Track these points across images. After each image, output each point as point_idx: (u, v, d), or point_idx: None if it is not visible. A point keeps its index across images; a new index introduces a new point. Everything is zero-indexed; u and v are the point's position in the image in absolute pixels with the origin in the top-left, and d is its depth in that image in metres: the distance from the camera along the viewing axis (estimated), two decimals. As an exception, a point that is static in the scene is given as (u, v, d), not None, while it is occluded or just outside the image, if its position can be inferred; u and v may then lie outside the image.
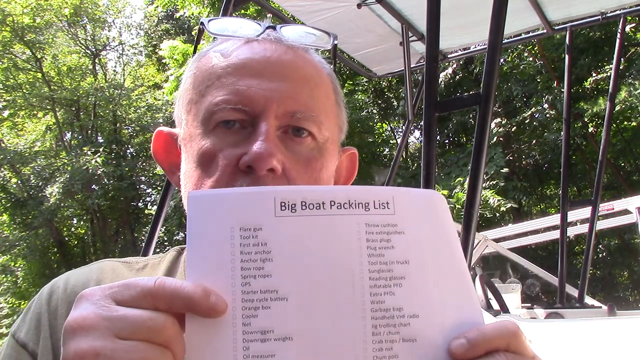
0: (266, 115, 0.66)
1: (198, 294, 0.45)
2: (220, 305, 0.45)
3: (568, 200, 5.05)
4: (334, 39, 0.77)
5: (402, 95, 12.48)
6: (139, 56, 21.28)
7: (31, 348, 0.69)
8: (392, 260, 0.49)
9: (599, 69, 11.65)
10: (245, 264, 0.47)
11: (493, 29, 2.26)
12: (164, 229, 14.71)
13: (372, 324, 0.47)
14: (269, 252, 0.47)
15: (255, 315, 0.46)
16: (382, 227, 0.50)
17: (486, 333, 0.48)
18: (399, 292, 0.48)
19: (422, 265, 0.50)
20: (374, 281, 0.48)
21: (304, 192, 0.50)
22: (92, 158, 15.36)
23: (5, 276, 18.04)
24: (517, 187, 12.09)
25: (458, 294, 0.50)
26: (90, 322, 0.45)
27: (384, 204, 0.50)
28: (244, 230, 0.48)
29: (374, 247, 0.49)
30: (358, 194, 0.50)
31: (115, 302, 0.46)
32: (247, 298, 0.46)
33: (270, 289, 0.47)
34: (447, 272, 0.51)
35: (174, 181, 0.78)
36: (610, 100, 5.20)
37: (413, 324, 0.48)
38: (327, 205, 0.49)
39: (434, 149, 2.38)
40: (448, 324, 0.49)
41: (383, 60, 5.16)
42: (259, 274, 0.47)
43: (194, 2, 11.84)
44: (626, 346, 2.61)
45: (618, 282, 15.07)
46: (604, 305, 5.07)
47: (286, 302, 0.47)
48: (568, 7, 4.32)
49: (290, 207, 0.49)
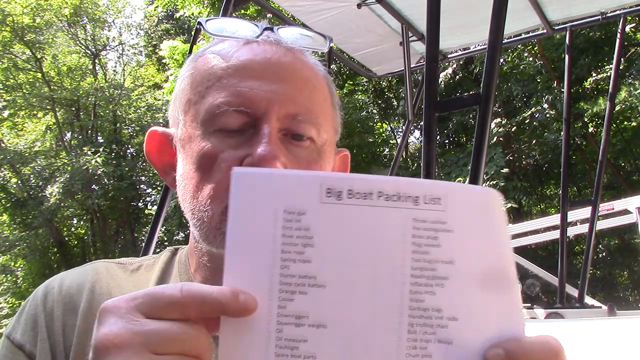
0: (268, 117, 0.66)
1: (227, 296, 0.44)
2: (250, 303, 0.45)
3: (568, 200, 5.05)
4: (330, 41, 0.77)
5: (402, 95, 12.48)
6: (139, 56, 21.30)
7: (28, 349, 0.68)
8: (436, 259, 0.47)
9: (599, 69, 11.65)
10: (286, 247, 0.46)
11: (493, 29, 2.26)
12: (164, 229, 14.72)
13: (408, 321, 0.46)
14: (311, 238, 0.47)
15: (291, 299, 0.46)
16: (430, 224, 0.48)
17: (526, 346, 0.46)
18: (439, 292, 0.47)
19: (467, 268, 0.48)
20: (415, 279, 0.47)
21: (352, 179, 0.48)
22: (92, 158, 15.36)
23: (5, 276, 18.04)
24: (517, 187, 12.09)
25: (501, 302, 0.48)
26: (123, 339, 0.44)
27: (435, 199, 0.48)
28: (287, 213, 0.47)
29: (419, 244, 0.47)
30: (408, 186, 0.48)
31: (144, 315, 0.45)
32: (285, 281, 0.46)
33: (308, 275, 0.46)
34: (493, 278, 0.48)
35: (168, 182, 0.77)
36: (610, 100, 5.20)
37: (451, 327, 0.47)
38: (375, 195, 0.47)
39: (434, 149, 2.38)
40: (487, 331, 0.47)
41: (383, 60, 5.16)
42: (299, 259, 0.46)
43: (194, 2, 11.85)
44: (626, 346, 2.61)
45: (618, 282, 15.07)
46: (604, 305, 5.07)
47: (324, 289, 0.46)
48: (568, 7, 4.32)
49: (336, 194, 0.47)
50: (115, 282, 0.75)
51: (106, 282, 0.74)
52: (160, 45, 12.66)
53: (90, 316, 0.69)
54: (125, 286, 0.74)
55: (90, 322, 0.68)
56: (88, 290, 0.72)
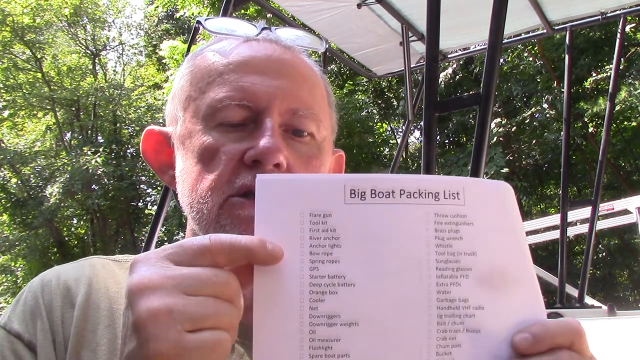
0: (270, 111, 0.67)
1: (255, 243, 0.46)
2: (277, 252, 0.46)
3: (568, 200, 5.05)
4: (326, 42, 0.79)
5: (402, 95, 12.47)
6: (139, 56, 21.30)
7: (27, 339, 0.68)
8: (459, 251, 0.49)
9: (599, 69, 11.65)
10: (314, 249, 0.48)
11: (493, 29, 2.26)
12: (164, 229, 14.71)
13: (437, 313, 0.47)
14: (338, 238, 0.48)
15: (322, 299, 0.47)
16: (451, 218, 0.50)
17: (551, 329, 0.48)
18: (465, 283, 0.48)
19: (489, 258, 0.49)
20: (440, 271, 0.48)
21: (374, 180, 0.50)
22: (92, 158, 15.36)
23: (5, 276, 18.04)
24: (517, 187, 12.08)
25: (523, 289, 0.50)
26: (157, 282, 0.45)
27: (454, 194, 0.50)
28: (313, 216, 0.48)
29: (442, 238, 0.49)
30: (428, 183, 0.50)
31: (175, 264, 0.46)
32: (315, 282, 0.47)
33: (338, 275, 0.47)
34: (514, 266, 0.50)
35: (165, 181, 0.77)
36: (610, 100, 5.20)
37: (478, 316, 0.48)
38: (397, 194, 0.49)
39: (434, 149, 2.38)
40: (513, 317, 0.49)
41: (383, 60, 5.16)
42: (327, 259, 0.47)
43: (194, 2, 11.85)
44: (626, 346, 2.61)
45: (618, 282, 15.07)
46: (604, 305, 5.07)
47: (353, 287, 0.47)
48: (568, 7, 4.32)
49: (360, 195, 0.49)
50: (113, 277, 0.74)
51: (103, 276, 0.74)
52: (160, 45, 12.67)
53: (88, 308, 0.69)
54: (122, 282, 0.74)
55: (87, 314, 0.69)
56: (85, 284, 0.72)
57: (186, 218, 0.72)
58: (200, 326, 0.44)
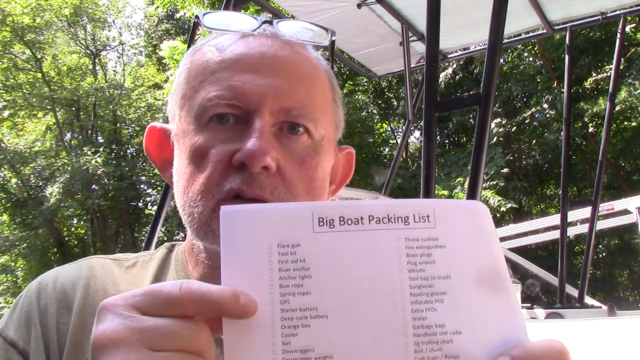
0: (261, 111, 0.65)
1: (227, 297, 0.44)
2: (251, 306, 0.44)
3: (568, 200, 5.05)
4: (331, 35, 0.75)
5: (402, 95, 12.48)
6: (139, 56, 21.29)
7: (21, 347, 0.67)
8: (433, 275, 0.48)
9: (599, 69, 11.66)
10: (284, 281, 0.46)
11: (493, 29, 2.26)
12: (164, 229, 14.72)
13: (414, 340, 0.46)
14: (308, 269, 0.46)
15: (295, 334, 0.45)
16: (423, 242, 0.48)
17: (533, 351, 0.46)
18: (440, 308, 0.47)
19: (464, 280, 0.48)
20: (415, 297, 0.47)
21: (342, 207, 0.49)
22: (92, 158, 15.36)
23: (5, 276, 18.04)
24: (517, 187, 12.09)
25: (501, 310, 0.49)
26: (121, 336, 0.43)
27: (424, 217, 0.49)
28: (282, 247, 0.46)
29: (415, 262, 0.48)
30: (397, 208, 0.49)
31: (142, 312, 0.44)
32: (287, 316, 0.45)
33: (309, 307, 0.46)
34: (490, 287, 0.49)
35: (166, 178, 0.76)
36: (610, 100, 5.21)
37: (456, 341, 0.47)
38: (366, 220, 0.48)
39: (434, 149, 2.38)
40: (492, 340, 0.47)
41: (383, 60, 5.16)
42: (298, 292, 0.46)
43: (194, 2, 11.85)
44: (626, 346, 2.61)
45: (618, 282, 15.07)
46: (604, 305, 5.08)
47: (326, 319, 0.46)
48: (568, 7, 4.33)
49: (328, 223, 0.48)
50: (110, 278, 0.73)
51: (101, 278, 0.73)
52: (161, 46, 12.67)
53: (85, 313, 0.68)
54: (120, 283, 0.73)
55: (85, 319, 0.68)
56: (82, 287, 0.71)
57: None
58: None
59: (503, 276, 0.50)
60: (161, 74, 18.17)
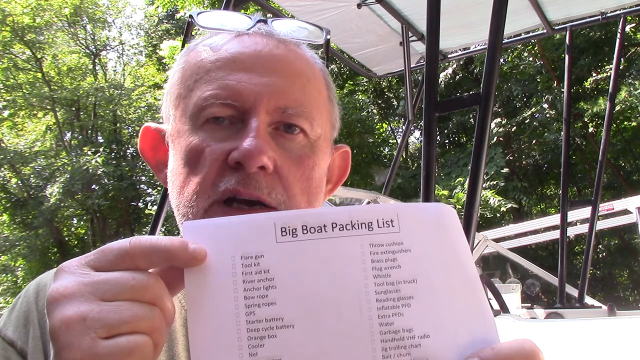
0: (257, 110, 0.64)
1: (175, 245, 0.45)
2: (200, 252, 0.46)
3: (568, 200, 5.05)
4: (326, 33, 0.74)
5: (402, 95, 12.47)
6: (139, 56, 21.31)
7: (20, 346, 0.67)
8: (399, 280, 0.48)
9: (599, 69, 11.66)
10: (249, 293, 0.46)
11: (493, 29, 2.26)
12: (164, 229, 14.71)
13: (381, 346, 0.46)
14: (272, 279, 0.46)
15: (261, 344, 0.45)
16: (387, 247, 0.48)
17: (502, 352, 0.46)
18: (407, 312, 0.47)
19: (431, 284, 0.48)
20: (381, 302, 0.47)
21: (304, 216, 0.49)
22: (92, 158, 15.37)
23: (5, 276, 18.05)
24: (517, 187, 12.10)
25: (470, 311, 0.49)
26: (72, 290, 0.44)
27: (388, 222, 0.49)
28: (245, 259, 0.47)
29: (380, 268, 0.48)
30: (360, 214, 0.49)
31: (95, 270, 0.46)
32: (253, 327, 0.45)
33: (275, 317, 0.46)
34: (458, 289, 0.49)
35: (161, 178, 0.75)
36: (610, 100, 5.21)
37: (424, 345, 0.47)
38: (329, 227, 0.48)
39: (434, 149, 2.38)
40: (461, 343, 0.47)
41: (383, 60, 5.16)
42: (263, 302, 0.46)
43: (194, 3, 11.85)
44: (626, 346, 2.61)
45: (618, 282, 15.08)
46: (604, 305, 5.08)
47: (292, 329, 0.46)
48: (568, 7, 4.33)
49: (291, 232, 0.48)
50: None
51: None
52: (161, 45, 12.68)
53: None
54: None
55: None
56: None
57: None
58: (115, 332, 0.43)
59: (471, 276, 0.50)
60: (161, 74, 18.18)
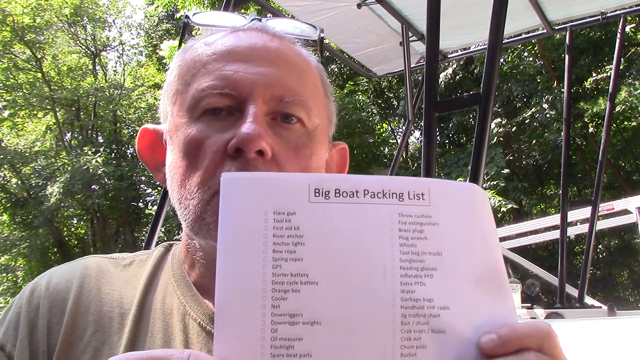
0: (254, 98, 0.65)
1: None
2: None
3: (568, 200, 5.05)
4: (320, 31, 0.76)
5: (402, 95, 12.47)
6: (139, 56, 21.30)
7: (8, 350, 0.67)
8: (424, 251, 0.48)
9: (599, 69, 11.65)
10: (278, 247, 0.47)
11: (493, 29, 2.26)
12: (164, 229, 14.71)
13: (401, 312, 0.47)
14: (301, 237, 0.47)
15: (285, 297, 0.46)
16: (416, 218, 0.49)
17: (518, 331, 0.47)
18: (429, 282, 0.48)
19: (455, 258, 0.49)
20: (405, 270, 0.48)
21: (338, 180, 0.50)
22: (93, 158, 15.36)
23: (5, 276, 18.04)
24: (517, 187, 12.08)
25: (491, 289, 0.49)
26: None
27: (419, 194, 0.50)
28: (277, 214, 0.48)
29: (407, 237, 0.49)
30: (392, 184, 0.50)
31: None
32: (278, 280, 0.46)
33: (300, 273, 0.47)
34: (481, 267, 0.50)
35: (159, 179, 0.76)
36: (610, 100, 5.20)
37: (443, 316, 0.47)
38: (361, 193, 0.49)
39: (434, 149, 2.38)
40: (479, 318, 0.48)
41: (383, 60, 5.16)
42: (290, 257, 0.47)
43: (194, 3, 11.85)
44: (626, 346, 2.61)
45: (618, 282, 15.08)
46: (604, 305, 5.07)
47: (316, 286, 0.46)
48: (568, 7, 4.32)
49: (324, 194, 0.49)
50: (106, 277, 0.73)
51: (95, 277, 0.72)
52: (161, 45, 12.67)
53: (77, 312, 0.68)
54: (115, 282, 0.72)
55: (76, 318, 0.67)
56: (76, 286, 0.70)
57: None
58: None
59: (496, 258, 0.50)
60: (161, 74, 18.15)
